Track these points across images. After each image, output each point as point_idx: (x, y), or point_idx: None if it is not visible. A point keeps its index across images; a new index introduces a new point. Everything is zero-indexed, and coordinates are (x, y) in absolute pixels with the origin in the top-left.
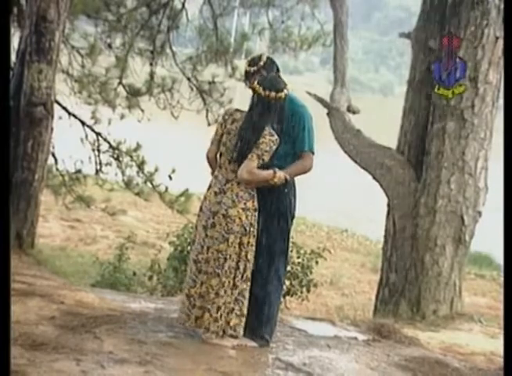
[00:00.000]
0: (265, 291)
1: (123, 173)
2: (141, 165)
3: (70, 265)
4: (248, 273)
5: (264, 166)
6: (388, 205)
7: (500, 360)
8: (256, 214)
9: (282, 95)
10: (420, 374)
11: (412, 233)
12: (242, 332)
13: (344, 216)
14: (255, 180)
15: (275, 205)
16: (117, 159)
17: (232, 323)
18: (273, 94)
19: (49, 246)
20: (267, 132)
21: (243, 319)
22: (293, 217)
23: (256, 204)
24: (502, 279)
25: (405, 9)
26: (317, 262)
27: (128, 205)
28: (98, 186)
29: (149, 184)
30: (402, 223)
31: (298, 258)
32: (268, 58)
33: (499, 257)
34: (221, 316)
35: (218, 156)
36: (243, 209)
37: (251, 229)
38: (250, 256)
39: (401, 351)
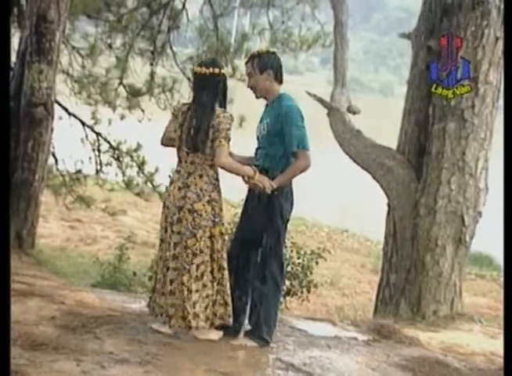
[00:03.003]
0: (260, 292)
1: (123, 173)
2: (141, 165)
3: (70, 265)
4: (223, 263)
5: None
6: (388, 205)
7: (500, 360)
8: (220, 202)
9: (223, 71)
10: (420, 374)
11: (413, 234)
12: (231, 321)
13: (345, 216)
14: (234, 166)
15: (265, 207)
16: (117, 159)
17: (218, 314)
18: (217, 70)
19: (49, 246)
20: (219, 111)
21: (229, 308)
22: (285, 219)
23: (220, 193)
24: (502, 279)
25: (405, 10)
26: (317, 263)
27: (128, 205)
28: (98, 186)
29: (149, 184)
30: (403, 224)
31: (298, 258)
32: (268, 51)
33: (499, 257)
34: (203, 310)
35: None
36: (208, 202)
37: (219, 219)
38: (223, 246)
39: (401, 351)
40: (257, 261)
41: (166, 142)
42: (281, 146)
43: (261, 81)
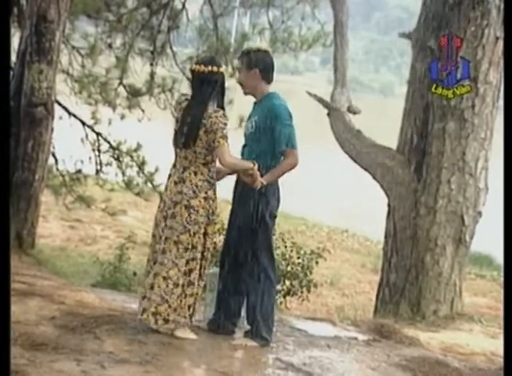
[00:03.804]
0: (255, 290)
1: (123, 173)
2: (141, 165)
3: (70, 265)
4: (207, 263)
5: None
6: (389, 205)
7: (500, 360)
8: (216, 201)
9: (221, 70)
10: (420, 374)
11: (413, 234)
12: (190, 322)
13: (345, 216)
14: (238, 163)
15: (252, 204)
16: (117, 159)
17: (193, 310)
18: (215, 68)
19: (49, 246)
20: (211, 111)
21: (195, 307)
22: (272, 215)
23: (215, 192)
24: (502, 279)
25: (405, 9)
26: (317, 263)
27: (128, 205)
28: (98, 186)
29: (149, 184)
30: (403, 223)
31: (298, 258)
32: (258, 49)
33: (499, 257)
34: (182, 305)
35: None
36: (204, 199)
37: (214, 217)
38: (212, 245)
39: (401, 351)
40: (249, 258)
41: None
42: (269, 144)
43: (247, 78)
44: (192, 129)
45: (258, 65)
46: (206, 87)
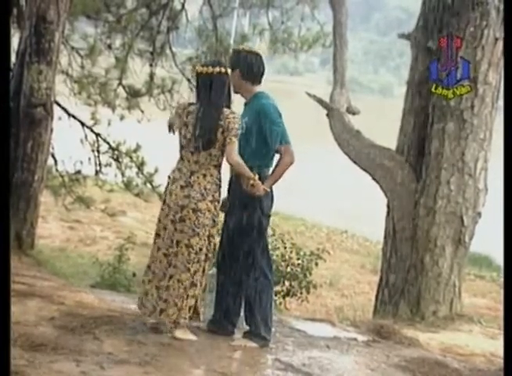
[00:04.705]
0: (253, 290)
1: (123, 174)
2: (141, 166)
3: (69, 266)
4: (209, 264)
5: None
6: (388, 206)
7: (500, 361)
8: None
9: (228, 71)
10: (419, 375)
11: (412, 234)
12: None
13: (344, 217)
14: (242, 167)
15: (245, 204)
16: (116, 160)
17: (200, 312)
18: (223, 70)
19: (49, 247)
20: (227, 112)
21: (202, 309)
22: (266, 215)
23: (220, 194)
24: (501, 280)
25: (405, 10)
26: (317, 264)
27: (127, 206)
28: (97, 186)
29: (148, 185)
30: (402, 224)
31: (298, 259)
32: (242, 50)
33: (498, 258)
34: (183, 307)
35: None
36: (211, 201)
37: (217, 219)
38: (214, 246)
39: (400, 352)
40: (245, 258)
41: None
42: (260, 144)
43: (232, 78)
44: (211, 132)
45: (239, 66)
46: (216, 88)
